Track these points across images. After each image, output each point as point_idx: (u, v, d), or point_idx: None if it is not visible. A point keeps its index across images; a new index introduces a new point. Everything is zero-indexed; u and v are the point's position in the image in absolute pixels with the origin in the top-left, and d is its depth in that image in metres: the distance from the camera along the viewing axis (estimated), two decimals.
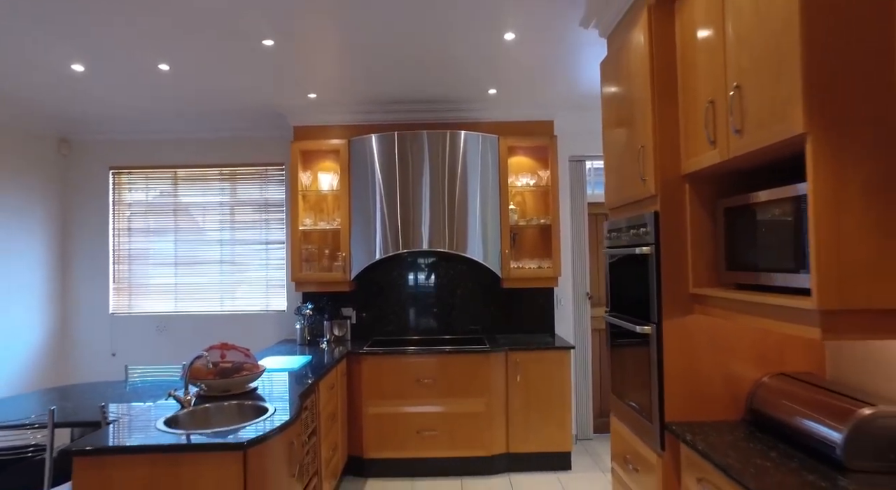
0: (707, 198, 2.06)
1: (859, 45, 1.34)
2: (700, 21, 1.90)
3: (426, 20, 2.76)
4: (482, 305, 4.54)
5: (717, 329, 2.08)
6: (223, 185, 4.71)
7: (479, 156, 4.18)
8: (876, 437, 1.53)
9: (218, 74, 3.49)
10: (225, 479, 1.96)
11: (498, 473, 3.94)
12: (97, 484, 1.92)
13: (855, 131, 1.35)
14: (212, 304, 4.68)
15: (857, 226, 1.35)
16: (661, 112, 2.10)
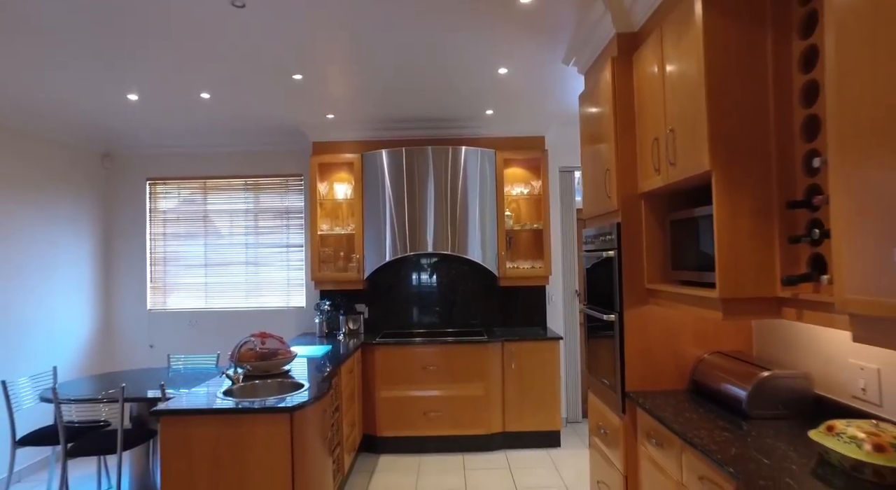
0: (658, 212, 2.58)
1: (745, 111, 1.87)
2: (647, 75, 2.43)
3: (431, 58, 3.29)
4: (481, 302, 5.06)
5: (668, 316, 2.60)
6: (248, 194, 5.24)
7: (478, 168, 4.70)
8: (769, 392, 2.05)
9: (251, 101, 4.02)
10: (276, 435, 2.49)
11: (495, 450, 4.46)
12: (179, 437, 2.45)
13: (743, 171, 1.87)
14: (238, 302, 5.21)
15: (746, 237, 1.87)
16: (621, 143, 2.63)
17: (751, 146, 1.88)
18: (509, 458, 4.28)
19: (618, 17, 2.62)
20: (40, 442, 3.36)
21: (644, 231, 2.58)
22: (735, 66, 1.88)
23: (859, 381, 1.86)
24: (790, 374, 2.08)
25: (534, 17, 2.76)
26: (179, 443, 2.47)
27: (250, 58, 3.21)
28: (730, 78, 1.88)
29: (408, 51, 3.15)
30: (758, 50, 1.88)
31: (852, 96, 1.24)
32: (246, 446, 2.47)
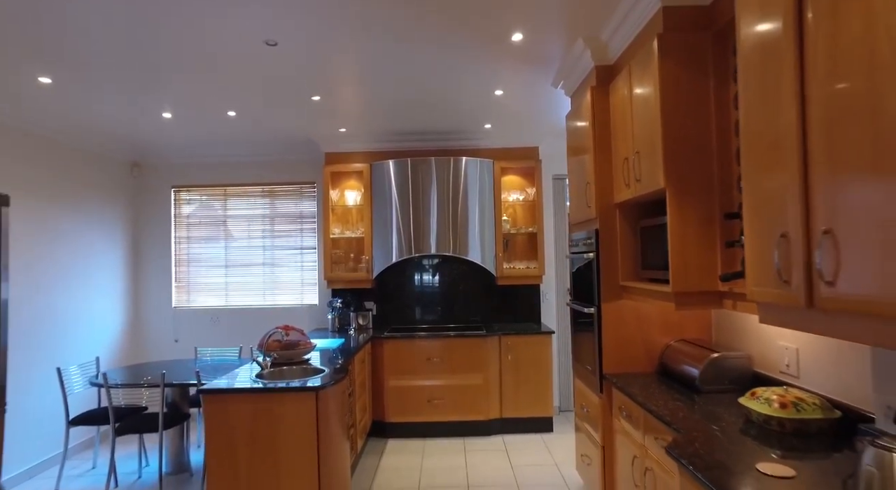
0: (631, 219, 3.00)
1: (692, 140, 2.30)
2: (619, 104, 2.86)
3: (434, 82, 3.71)
4: (480, 299, 5.49)
5: (639, 309, 3.02)
6: (264, 200, 5.67)
7: (477, 176, 5.13)
8: (717, 371, 2.48)
9: (272, 118, 4.45)
10: (303, 412, 2.91)
11: (493, 434, 4.88)
12: (221, 413, 2.88)
13: (690, 188, 2.30)
14: (256, 299, 5.64)
15: (693, 242, 2.30)
16: (599, 160, 3.05)
17: (697, 168, 2.30)
18: (506, 442, 4.71)
19: (596, 52, 3.05)
20: (89, 422, 3.80)
21: (618, 236, 3.01)
22: (684, 104, 2.31)
23: (784, 359, 2.29)
24: (735, 355, 2.51)
25: (524, 51, 3.19)
26: (221, 418, 2.90)
27: (275, 83, 3.64)
28: (680, 113, 2.31)
29: (414, 75, 3.58)
30: (703, 91, 2.31)
31: (752, 127, 1.67)
32: (277, 421, 2.90)
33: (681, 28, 2.37)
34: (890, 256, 1.14)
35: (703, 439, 1.85)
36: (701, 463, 1.64)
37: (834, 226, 1.33)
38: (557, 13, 2.71)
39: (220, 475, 2.87)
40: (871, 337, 1.23)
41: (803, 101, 1.42)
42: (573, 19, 2.80)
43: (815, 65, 1.37)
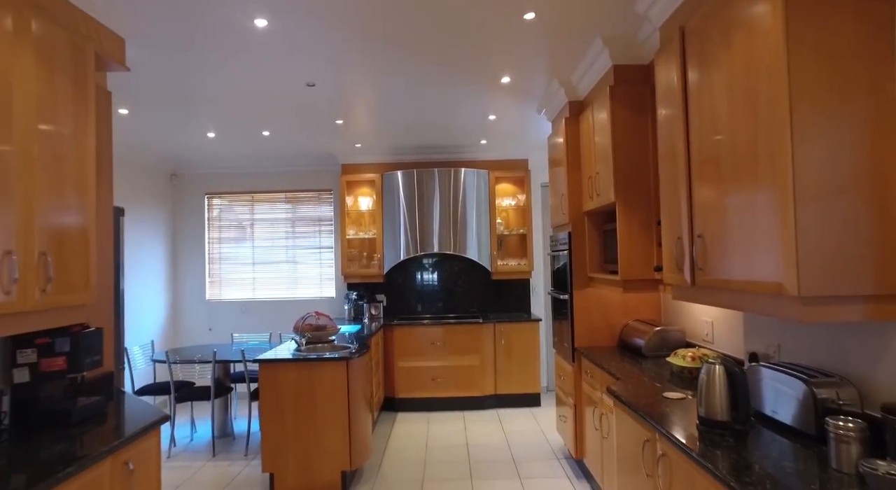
0: (596, 224, 3.76)
1: (634, 165, 3.06)
2: (586, 133, 3.62)
3: (437, 108, 4.47)
4: (477, 292, 6.25)
5: (603, 296, 3.78)
6: (287, 205, 6.43)
7: (474, 185, 5.89)
8: (658, 341, 3.24)
9: (299, 137, 5.21)
10: (336, 377, 3.67)
11: (488, 408, 5.64)
12: (271, 377, 3.63)
13: (634, 201, 3.06)
14: (279, 293, 6.40)
15: (636, 242, 3.06)
16: (571, 176, 3.82)
17: (638, 186, 3.07)
18: (499, 414, 5.47)
19: (568, 91, 3.81)
20: (150, 393, 4.55)
21: (586, 237, 3.77)
22: (629, 138, 3.08)
23: (705, 330, 3.05)
24: (672, 329, 3.27)
25: (512, 88, 3.96)
26: (272, 382, 3.65)
27: (307, 111, 4.40)
28: (626, 144, 3.08)
29: (421, 105, 4.34)
30: (642, 128, 3.07)
31: (662, 158, 2.43)
32: (316, 384, 3.65)
33: (627, 81, 3.13)
34: (727, 254, 1.91)
35: (635, 383, 2.62)
36: (626, 394, 2.41)
37: (703, 232, 2.10)
38: (537, 62, 3.47)
39: (272, 426, 3.63)
40: (726, 302, 1.99)
41: (687, 143, 2.19)
42: (550, 66, 3.56)
43: (692, 118, 2.14)
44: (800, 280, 1.54)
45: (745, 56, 1.76)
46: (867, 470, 1.35)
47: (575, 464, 4.04)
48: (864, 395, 1.72)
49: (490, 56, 3.33)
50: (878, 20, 1.56)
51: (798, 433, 1.79)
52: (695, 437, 1.82)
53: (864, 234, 1.55)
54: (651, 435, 2.09)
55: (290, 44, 3.06)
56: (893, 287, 1.53)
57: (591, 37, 3.08)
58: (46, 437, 2.03)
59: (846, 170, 1.56)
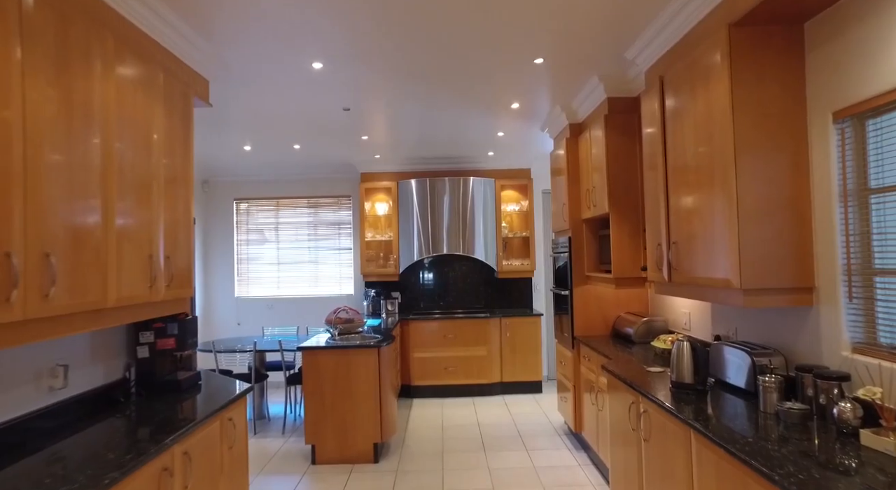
0: (593, 230, 4.36)
1: (625, 181, 3.66)
2: (584, 152, 4.22)
3: (450, 126, 5.05)
4: (484, 289, 6.84)
5: (599, 291, 4.38)
6: (309, 209, 7.00)
7: (481, 192, 6.48)
8: (646, 329, 3.84)
9: (326, 150, 5.79)
10: (369, 363, 4.25)
11: (495, 394, 6.24)
12: (313, 362, 4.21)
13: (624, 212, 3.67)
14: (302, 290, 6.97)
15: (626, 246, 3.67)
16: (571, 188, 4.41)
17: (628, 200, 3.67)
18: (505, 399, 6.06)
19: (569, 115, 4.41)
20: None
21: (584, 242, 4.37)
22: (620, 159, 3.68)
23: (684, 320, 3.66)
24: (657, 319, 3.87)
25: (520, 112, 4.55)
26: (314, 366, 4.23)
27: (337, 128, 4.98)
28: (618, 164, 3.68)
29: (435, 121, 4.93)
30: (631, 151, 3.67)
31: (647, 178, 3.03)
32: (352, 368, 4.24)
33: (618, 111, 3.73)
34: (694, 257, 2.51)
35: (624, 363, 3.22)
36: (617, 370, 3.01)
37: (677, 240, 2.70)
38: (543, 92, 4.07)
39: (313, 404, 4.21)
40: (692, 294, 2.59)
41: (665, 165, 2.79)
42: (553, 95, 4.15)
43: (668, 142, 2.75)
44: (742, 276, 2.15)
45: (705, 108, 2.37)
46: (780, 408, 1.95)
47: (574, 438, 4.64)
48: (789, 361, 2.33)
49: (502, 88, 3.92)
50: (796, 93, 2.17)
51: (743, 391, 2.40)
52: (667, 396, 2.42)
53: (786, 244, 2.15)
54: (635, 398, 2.69)
55: (336, 80, 3.64)
56: (806, 281, 2.14)
57: (589, 74, 3.68)
58: (167, 399, 2.62)
59: (774, 198, 2.16)
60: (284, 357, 5.06)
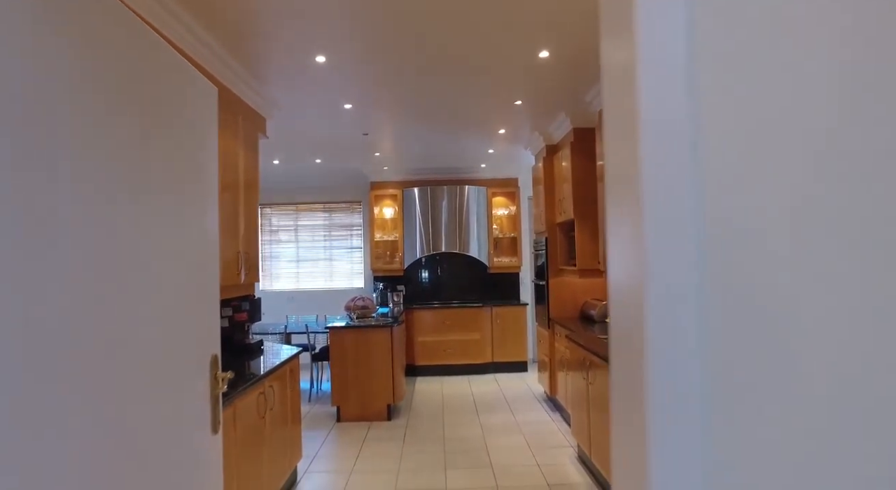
0: (565, 232, 5.36)
1: (587, 193, 4.67)
2: (557, 169, 5.24)
3: (448, 143, 6.06)
4: (477, 282, 7.84)
5: (569, 281, 5.38)
6: (325, 214, 7.99)
7: (475, 198, 7.48)
8: (604, 310, 4.85)
9: (343, 161, 6.77)
10: (383, 339, 5.24)
11: (488, 373, 7.23)
12: (338, 340, 5.21)
13: (586, 217, 4.68)
14: (319, 284, 7.96)
15: (587, 245, 4.68)
16: (547, 197, 5.41)
17: (589, 208, 4.68)
18: (496, 377, 7.06)
19: (545, 137, 5.42)
20: None
21: (558, 241, 5.38)
22: (584, 175, 4.68)
23: None
24: None
25: (506, 136, 5.56)
26: (339, 343, 5.22)
27: (354, 147, 5.97)
28: (581, 179, 4.69)
29: (436, 142, 5.94)
30: (592, 168, 4.68)
31: (606, 193, 4.04)
32: (371, 344, 5.23)
33: (582, 138, 4.73)
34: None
35: (584, 333, 4.22)
36: (576, 338, 4.01)
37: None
38: (524, 122, 5.07)
39: (338, 373, 5.20)
40: None
41: None
42: (532, 123, 5.16)
43: None
44: None
45: None
46: None
47: (550, 402, 5.65)
48: None
49: (491, 120, 4.93)
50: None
51: None
52: (606, 353, 3.42)
53: None
54: (587, 355, 3.70)
55: (360, 115, 4.64)
56: None
57: (558, 111, 4.69)
58: (245, 359, 3.61)
59: None
60: (310, 339, 6.04)
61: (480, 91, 4.08)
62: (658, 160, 0.86)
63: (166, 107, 1.42)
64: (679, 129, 0.85)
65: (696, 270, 0.84)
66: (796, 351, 0.83)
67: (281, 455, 3.33)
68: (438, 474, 3.89)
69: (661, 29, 0.85)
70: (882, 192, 0.83)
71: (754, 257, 0.84)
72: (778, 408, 0.83)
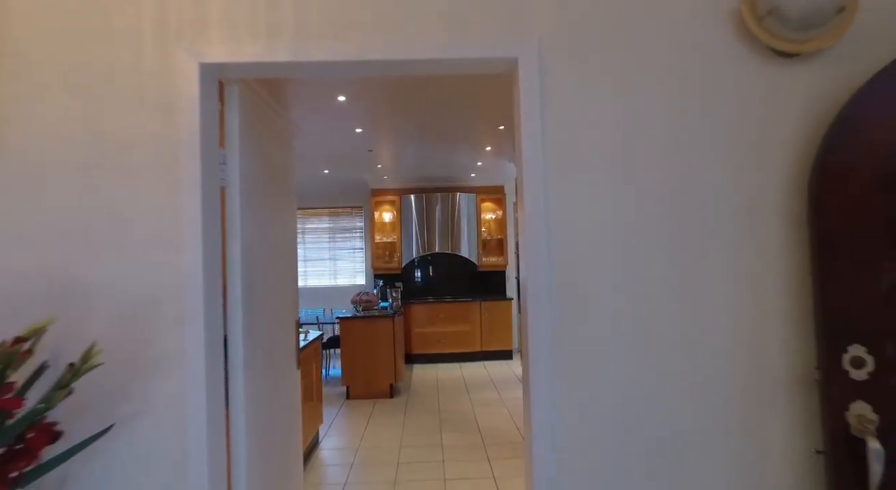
0: None
1: None
2: None
3: (442, 157, 6.89)
4: (468, 280, 8.68)
5: None
6: (329, 217, 8.79)
7: (466, 204, 8.32)
8: None
9: (348, 173, 7.58)
10: (386, 328, 6.07)
11: (477, 361, 8.07)
12: (348, 328, 6.02)
13: None
14: (324, 281, 8.76)
15: None
16: None
17: None
18: (484, 364, 7.90)
19: None
20: None
21: None
22: None
23: None
24: None
25: (492, 151, 6.40)
26: (348, 330, 6.04)
27: (359, 160, 6.79)
28: None
29: (430, 153, 6.77)
30: None
31: None
32: (376, 331, 6.04)
33: None
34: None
35: None
36: None
37: None
38: (507, 141, 5.92)
39: (348, 356, 6.02)
40: None
41: None
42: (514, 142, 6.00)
43: None
44: None
45: None
46: None
47: None
48: None
49: (479, 139, 5.77)
50: None
51: None
52: None
53: None
54: None
55: (368, 136, 5.46)
56: None
57: None
58: None
59: None
60: (320, 329, 6.83)
61: (470, 120, 4.92)
62: (532, 226, 1.72)
63: (283, 166, 2.27)
64: (541, 216, 1.71)
65: (549, 275, 1.69)
66: (592, 306, 1.69)
67: (309, 416, 4.15)
68: (435, 435, 4.73)
69: (533, 174, 1.71)
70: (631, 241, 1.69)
71: (573, 271, 1.70)
72: (585, 330, 1.68)
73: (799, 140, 1.68)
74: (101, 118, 1.60)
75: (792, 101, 1.68)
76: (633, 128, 1.70)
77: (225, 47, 1.63)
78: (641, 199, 1.70)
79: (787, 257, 1.67)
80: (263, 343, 2.02)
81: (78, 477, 1.54)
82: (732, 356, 1.68)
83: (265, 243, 2.11)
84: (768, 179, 1.68)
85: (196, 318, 1.61)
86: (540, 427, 1.70)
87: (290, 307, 2.44)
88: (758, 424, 1.66)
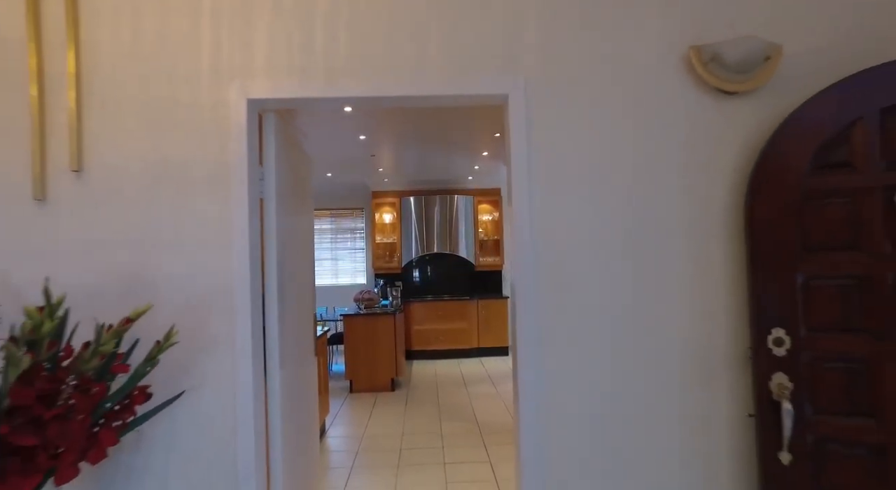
0: None
1: None
2: None
3: (441, 160, 7.25)
4: (465, 279, 9.04)
5: None
6: (332, 219, 9.13)
7: (463, 206, 8.68)
8: None
9: (351, 175, 7.93)
10: (388, 325, 6.42)
11: (474, 357, 8.43)
12: (351, 325, 6.37)
13: None
14: (326, 281, 9.10)
15: None
16: None
17: None
18: (481, 360, 8.26)
19: None
20: None
21: None
22: None
23: None
24: None
25: (489, 156, 6.76)
26: (352, 327, 6.39)
27: (361, 164, 7.14)
28: None
29: (429, 157, 7.12)
30: None
31: None
32: (378, 328, 6.40)
33: None
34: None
35: None
36: None
37: None
38: (503, 145, 6.27)
39: (352, 351, 6.37)
40: None
41: None
42: None
43: None
44: None
45: None
46: None
47: None
48: None
49: (476, 145, 6.12)
50: None
51: None
52: None
53: None
54: None
55: (371, 142, 5.81)
56: None
57: None
58: None
59: None
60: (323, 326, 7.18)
61: (468, 128, 5.27)
62: (520, 225, 2.08)
63: (304, 176, 2.63)
64: (526, 225, 2.07)
65: (533, 266, 2.05)
66: (574, 294, 2.05)
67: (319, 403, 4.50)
68: (434, 424, 5.08)
69: (520, 189, 2.07)
70: (602, 245, 2.06)
71: (556, 261, 2.06)
72: (569, 316, 2.04)
73: (739, 165, 2.04)
74: (166, 144, 1.95)
75: (734, 131, 2.04)
76: (601, 152, 2.06)
77: (267, 85, 1.99)
78: (610, 212, 2.06)
79: (728, 262, 2.04)
80: (293, 332, 2.38)
81: (150, 437, 1.89)
82: (686, 341, 2.04)
83: (292, 246, 2.46)
84: (714, 199, 2.05)
85: (244, 310, 1.97)
86: (526, 402, 2.06)
87: (310, 302, 2.80)
88: (705, 394, 2.02)
